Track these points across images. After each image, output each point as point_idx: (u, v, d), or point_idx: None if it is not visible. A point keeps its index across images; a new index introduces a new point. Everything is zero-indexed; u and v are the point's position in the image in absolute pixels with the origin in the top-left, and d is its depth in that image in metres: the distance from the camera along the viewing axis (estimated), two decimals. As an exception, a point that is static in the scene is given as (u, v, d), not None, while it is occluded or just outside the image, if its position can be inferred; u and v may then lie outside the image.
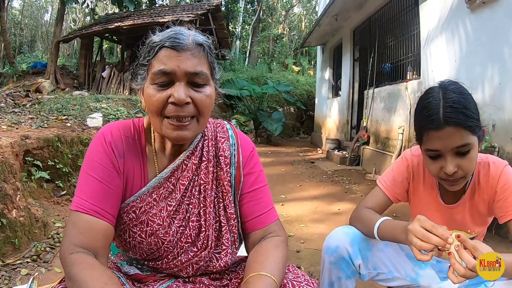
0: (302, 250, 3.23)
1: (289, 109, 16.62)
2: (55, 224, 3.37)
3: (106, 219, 1.05)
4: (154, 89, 1.05)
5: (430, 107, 1.24)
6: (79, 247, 1.00)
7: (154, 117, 1.07)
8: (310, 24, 28.97)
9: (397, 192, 1.55)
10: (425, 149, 1.30)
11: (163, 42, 1.04)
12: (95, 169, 1.08)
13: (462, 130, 1.19)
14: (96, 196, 1.05)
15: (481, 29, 4.31)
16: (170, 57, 1.03)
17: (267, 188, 1.27)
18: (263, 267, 1.05)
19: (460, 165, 1.25)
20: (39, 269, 2.66)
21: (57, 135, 4.17)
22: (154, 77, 1.04)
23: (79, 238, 1.01)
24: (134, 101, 8.05)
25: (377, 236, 1.36)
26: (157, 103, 1.04)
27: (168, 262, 1.15)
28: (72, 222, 1.04)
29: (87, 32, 13.68)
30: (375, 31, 7.93)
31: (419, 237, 1.12)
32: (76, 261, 0.97)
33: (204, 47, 1.08)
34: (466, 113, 1.19)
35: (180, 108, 1.03)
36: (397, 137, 6.27)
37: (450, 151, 1.23)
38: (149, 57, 1.07)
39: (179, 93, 1.02)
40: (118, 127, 1.16)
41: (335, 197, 5.32)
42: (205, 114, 1.10)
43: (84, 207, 1.03)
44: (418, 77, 5.94)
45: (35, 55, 20.18)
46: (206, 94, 1.08)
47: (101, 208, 1.05)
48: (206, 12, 12.99)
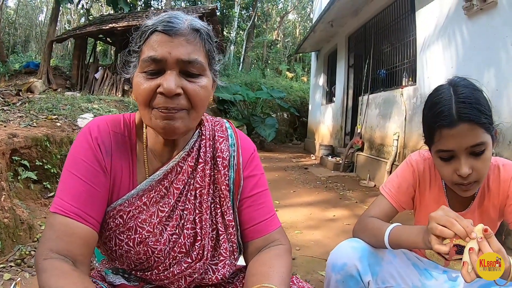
0: (298, 257, 3.14)
1: (282, 115, 16.60)
2: (41, 227, 3.25)
3: (89, 224, 0.94)
4: (143, 78, 0.94)
5: (441, 103, 1.17)
6: (54, 253, 0.89)
7: (142, 108, 0.96)
8: (304, 30, 29.11)
9: (402, 200, 1.45)
10: (436, 150, 1.22)
11: (155, 25, 0.94)
12: (78, 167, 0.97)
13: (477, 127, 1.13)
14: (78, 198, 0.94)
15: (478, 36, 4.29)
16: (161, 42, 0.92)
17: (269, 192, 1.17)
18: (266, 278, 0.96)
19: (474, 167, 1.17)
20: (22, 274, 2.54)
21: (46, 134, 4.08)
22: (143, 64, 0.94)
23: (56, 243, 0.90)
24: (127, 103, 7.97)
25: (388, 244, 1.27)
26: (144, 92, 0.93)
27: (159, 273, 1.04)
28: (50, 225, 0.93)
29: (81, 32, 13.60)
30: (371, 37, 7.91)
31: (443, 223, 1.03)
32: (47, 267, 0.86)
33: (201, 33, 0.97)
34: (479, 108, 1.13)
35: (170, 100, 0.92)
36: (392, 143, 6.22)
37: (464, 151, 1.16)
38: (140, 42, 0.97)
39: (169, 82, 0.90)
40: (107, 122, 1.05)
41: (329, 204, 5.25)
42: (198, 108, 0.97)
43: (65, 209, 0.92)
44: (413, 84, 5.91)
45: (29, 55, 20.06)
46: (201, 85, 0.96)
47: (84, 211, 0.94)
48: (202, 16, 12.94)
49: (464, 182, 1.20)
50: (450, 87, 1.21)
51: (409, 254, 1.55)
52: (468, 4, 4.24)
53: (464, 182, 1.20)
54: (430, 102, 1.24)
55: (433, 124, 1.19)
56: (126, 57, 1.02)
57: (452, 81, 1.24)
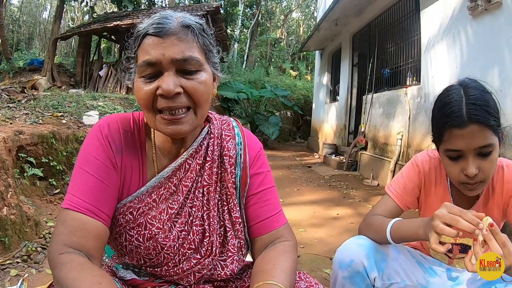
0: (302, 255, 3.15)
1: (286, 114, 16.58)
2: (47, 224, 3.29)
3: (101, 219, 0.96)
4: (142, 82, 0.95)
5: (452, 104, 1.19)
6: (69, 247, 0.91)
7: (146, 112, 0.98)
8: (308, 29, 29.09)
9: (407, 200, 1.48)
10: (445, 149, 1.24)
11: (146, 29, 0.95)
12: (90, 164, 0.98)
13: (486, 129, 1.15)
14: (90, 194, 0.96)
15: (482, 36, 4.29)
16: (153, 45, 0.93)
17: (275, 189, 1.18)
18: (270, 275, 0.97)
19: (481, 167, 1.19)
20: (29, 270, 2.57)
21: (52, 131, 4.09)
22: (140, 69, 0.95)
23: (69, 237, 0.92)
24: (131, 100, 7.99)
25: (390, 238, 1.29)
26: (145, 96, 0.94)
27: (168, 269, 1.06)
28: (62, 220, 0.94)
29: (85, 30, 13.62)
30: (375, 36, 7.91)
31: (447, 220, 1.04)
32: (65, 261, 0.88)
33: (192, 29, 0.96)
34: (489, 111, 1.15)
35: (171, 100, 0.93)
36: (395, 142, 6.23)
37: (473, 151, 1.18)
38: (135, 47, 0.98)
39: (167, 83, 0.91)
40: (117, 120, 1.07)
41: (333, 202, 5.27)
42: (201, 104, 0.98)
43: (77, 205, 0.94)
44: (418, 83, 5.91)
45: (33, 53, 20.12)
46: (200, 80, 0.96)
47: (96, 207, 0.95)
48: (206, 14, 12.95)
49: (470, 182, 1.22)
50: (461, 87, 1.22)
51: (414, 252, 1.57)
52: (473, 4, 4.24)
53: (470, 182, 1.22)
54: (441, 101, 1.25)
55: (443, 123, 1.21)
56: (125, 64, 1.03)
57: (462, 82, 1.25)
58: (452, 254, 1.53)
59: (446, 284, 1.49)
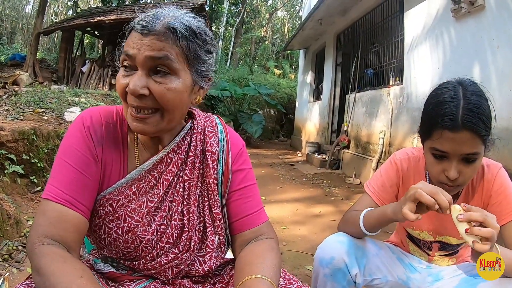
0: (285, 252, 3.18)
1: (269, 112, 16.63)
2: (28, 222, 3.24)
3: (80, 211, 0.96)
4: (121, 74, 0.98)
5: (448, 104, 1.18)
6: (49, 239, 0.91)
7: (122, 101, 1.00)
8: (293, 28, 29.14)
9: (386, 198, 1.48)
10: (432, 147, 1.24)
11: (134, 24, 0.97)
12: (71, 155, 0.99)
13: (476, 137, 1.15)
14: (70, 185, 0.96)
15: (465, 38, 4.37)
16: (135, 40, 0.94)
17: (256, 187, 1.19)
18: (260, 270, 0.98)
19: (463, 172, 1.21)
20: (10, 269, 2.53)
21: (33, 128, 4.04)
22: (122, 58, 0.97)
23: (49, 229, 0.92)
24: (114, 97, 7.91)
25: (363, 227, 1.32)
26: (119, 90, 0.98)
27: (146, 263, 1.06)
28: (42, 211, 0.95)
29: (68, 25, 13.37)
30: (359, 36, 7.98)
31: (427, 191, 1.07)
32: (45, 252, 0.88)
33: (177, 31, 0.94)
34: (483, 120, 1.15)
35: (137, 99, 0.95)
36: (378, 141, 6.31)
37: (458, 156, 1.19)
38: (125, 40, 1.00)
39: (133, 83, 0.93)
40: (99, 112, 1.07)
41: (315, 200, 5.31)
42: (168, 109, 0.97)
43: (56, 196, 0.94)
44: (400, 83, 5.99)
45: (15, 47, 19.67)
46: (169, 86, 0.95)
47: (75, 198, 0.96)
48: (190, 11, 12.78)
49: (448, 183, 1.24)
50: (459, 87, 1.21)
51: (394, 248, 1.60)
52: (456, 7, 4.31)
53: (448, 183, 1.24)
54: (437, 98, 1.24)
55: (435, 122, 1.20)
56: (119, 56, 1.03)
57: (462, 82, 1.23)
58: (431, 251, 1.57)
59: (426, 280, 1.52)
